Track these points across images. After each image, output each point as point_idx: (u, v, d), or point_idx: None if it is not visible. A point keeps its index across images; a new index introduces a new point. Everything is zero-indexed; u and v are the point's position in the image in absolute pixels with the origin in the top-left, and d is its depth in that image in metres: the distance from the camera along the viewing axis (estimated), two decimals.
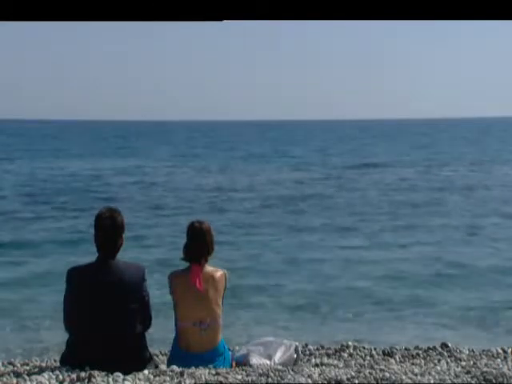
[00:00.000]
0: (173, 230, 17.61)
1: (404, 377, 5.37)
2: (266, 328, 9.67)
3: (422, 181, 32.09)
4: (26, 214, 21.97)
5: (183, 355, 5.72)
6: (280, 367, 5.71)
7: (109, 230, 5.48)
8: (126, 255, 5.67)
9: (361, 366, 6.04)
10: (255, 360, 5.97)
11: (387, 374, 5.42)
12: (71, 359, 5.43)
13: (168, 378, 5.22)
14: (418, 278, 12.80)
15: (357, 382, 5.20)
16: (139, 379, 5.18)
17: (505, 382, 5.28)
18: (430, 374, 5.52)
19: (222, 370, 5.45)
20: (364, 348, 7.65)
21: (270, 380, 5.23)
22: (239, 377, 5.27)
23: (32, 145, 72.86)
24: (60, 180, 33.39)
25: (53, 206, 24.04)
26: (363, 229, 18.54)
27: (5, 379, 5.24)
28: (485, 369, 5.78)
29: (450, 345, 7.71)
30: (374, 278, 12.77)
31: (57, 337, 8.16)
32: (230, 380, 5.18)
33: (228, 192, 27.88)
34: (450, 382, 5.26)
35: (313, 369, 5.74)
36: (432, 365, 6.32)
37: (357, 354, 7.37)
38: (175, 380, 5.19)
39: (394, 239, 17.04)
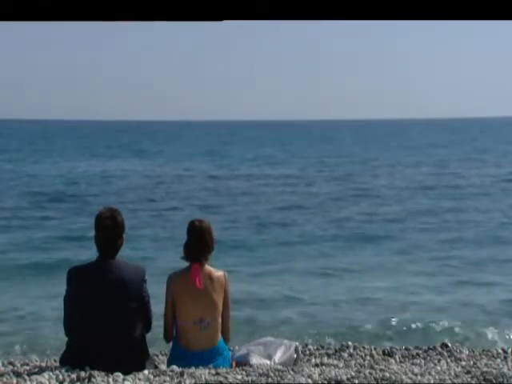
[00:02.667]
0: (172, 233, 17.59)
1: (404, 377, 5.37)
2: (267, 329, 9.67)
3: None
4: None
5: (183, 354, 5.73)
6: (280, 367, 5.71)
7: (109, 229, 5.48)
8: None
9: (361, 366, 6.04)
10: (255, 360, 5.97)
11: (387, 374, 5.42)
12: (71, 359, 5.43)
13: (168, 378, 5.22)
14: None
15: (357, 382, 5.20)
16: (139, 379, 5.18)
17: (505, 382, 5.28)
18: (430, 373, 5.52)
19: (222, 370, 5.45)
20: (364, 348, 7.66)
21: (270, 380, 5.24)
22: (239, 377, 5.28)
23: (33, 145, 72.85)
24: (65, 181, 33.34)
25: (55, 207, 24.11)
26: None
27: (5, 379, 5.24)
28: (485, 369, 5.78)
29: (449, 345, 7.71)
30: None
31: (57, 337, 8.17)
32: (230, 380, 5.18)
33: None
34: (449, 382, 5.26)
35: (313, 369, 5.74)
36: (432, 365, 6.32)
37: (357, 354, 7.37)
38: (175, 380, 5.19)
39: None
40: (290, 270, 14.09)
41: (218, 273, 5.84)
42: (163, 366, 5.81)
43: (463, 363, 6.44)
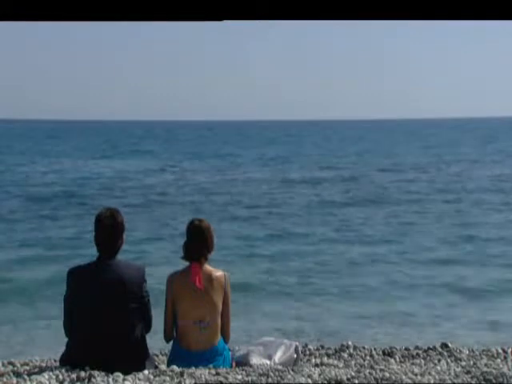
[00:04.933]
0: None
1: (404, 377, 5.37)
2: (267, 328, 9.67)
3: None
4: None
5: (183, 354, 5.72)
6: (280, 367, 5.71)
7: (109, 229, 5.49)
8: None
9: (361, 366, 6.04)
10: (255, 360, 5.97)
11: (387, 374, 5.42)
12: (71, 359, 5.43)
13: (168, 378, 5.22)
14: None
15: (357, 382, 5.20)
16: (139, 379, 5.18)
17: (505, 382, 5.28)
18: (430, 373, 5.52)
19: (222, 370, 5.45)
20: (364, 348, 7.64)
21: (269, 380, 5.23)
22: (239, 377, 5.28)
23: (33, 146, 72.77)
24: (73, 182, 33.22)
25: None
26: None
27: (5, 379, 5.25)
28: (485, 369, 5.78)
29: (450, 345, 7.70)
30: None
31: (57, 337, 8.16)
32: (230, 380, 5.18)
33: None
34: (449, 382, 5.26)
35: (313, 369, 5.74)
36: (432, 365, 6.32)
37: (357, 354, 7.36)
38: (175, 380, 5.19)
39: None
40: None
41: (218, 273, 5.84)
42: (163, 366, 5.81)
43: (463, 363, 6.43)
